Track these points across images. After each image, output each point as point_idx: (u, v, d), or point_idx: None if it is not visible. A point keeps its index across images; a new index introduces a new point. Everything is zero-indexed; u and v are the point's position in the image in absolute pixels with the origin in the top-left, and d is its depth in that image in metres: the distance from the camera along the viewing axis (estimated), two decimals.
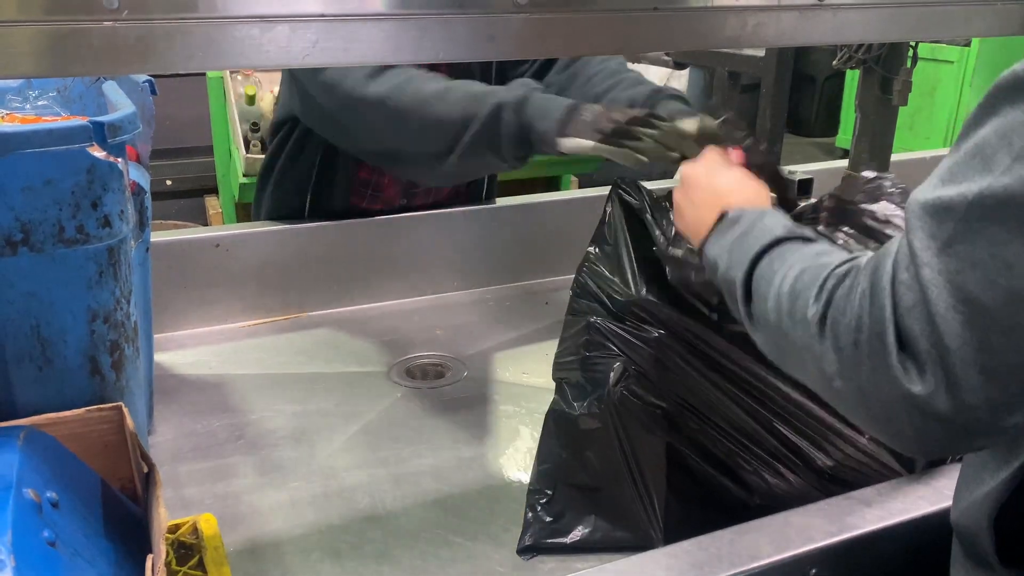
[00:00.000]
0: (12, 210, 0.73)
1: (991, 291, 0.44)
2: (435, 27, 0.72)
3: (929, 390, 0.47)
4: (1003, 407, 0.46)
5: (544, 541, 0.85)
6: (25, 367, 0.78)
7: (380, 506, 0.93)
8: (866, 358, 0.50)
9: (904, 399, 0.48)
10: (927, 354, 0.47)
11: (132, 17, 0.62)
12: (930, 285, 0.46)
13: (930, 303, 0.46)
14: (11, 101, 1.03)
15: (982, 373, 0.45)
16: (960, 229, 0.46)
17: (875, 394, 0.50)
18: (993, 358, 0.45)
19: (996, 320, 0.44)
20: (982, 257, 0.45)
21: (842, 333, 0.52)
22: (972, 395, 0.46)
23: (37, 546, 0.59)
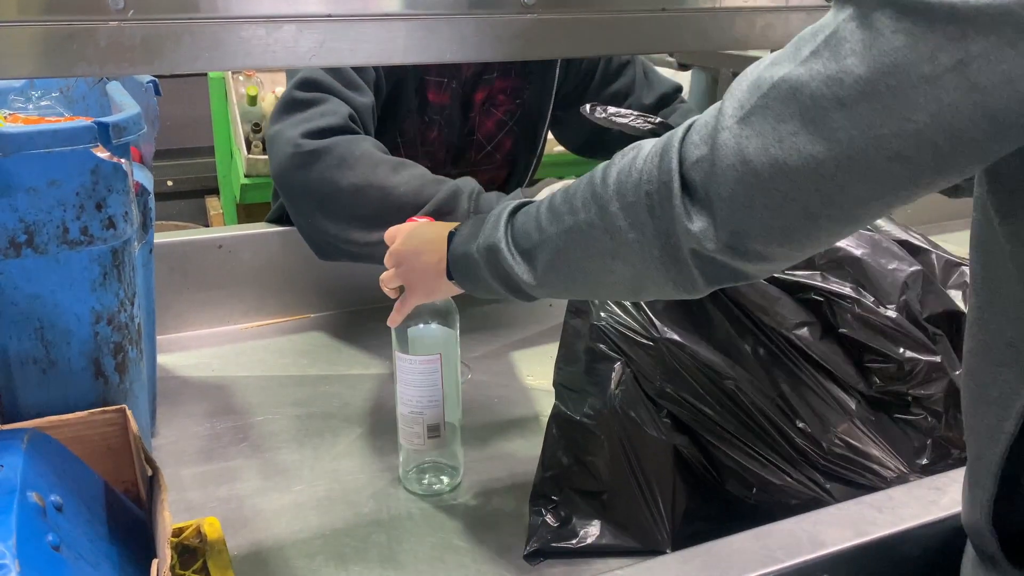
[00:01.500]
0: (16, 211, 0.72)
1: (763, 157, 0.52)
2: (442, 28, 0.71)
3: (700, 228, 0.56)
4: (755, 244, 0.56)
5: (550, 546, 0.84)
6: (29, 369, 0.78)
7: (384, 510, 0.93)
8: (656, 205, 0.58)
9: (684, 235, 0.57)
10: (703, 201, 0.56)
11: (137, 17, 0.61)
12: (722, 145, 0.54)
13: (716, 159, 0.55)
14: (14, 101, 1.03)
15: (738, 222, 0.55)
16: (759, 104, 0.53)
17: (662, 237, 0.59)
18: (749, 213, 0.54)
19: (759, 181, 0.53)
20: (765, 129, 0.53)
21: (630, 190, 0.60)
22: (732, 238, 0.56)
23: (41, 550, 0.59)
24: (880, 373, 0.84)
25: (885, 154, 0.49)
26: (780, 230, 0.54)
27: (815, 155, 0.51)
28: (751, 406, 0.82)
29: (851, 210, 0.53)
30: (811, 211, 0.53)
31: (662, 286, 0.62)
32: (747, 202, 0.54)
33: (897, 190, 0.51)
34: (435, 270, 0.81)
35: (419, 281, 0.85)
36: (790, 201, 0.53)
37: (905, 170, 0.50)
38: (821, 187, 0.52)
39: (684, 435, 0.83)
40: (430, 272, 0.82)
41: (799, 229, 0.54)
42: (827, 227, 0.54)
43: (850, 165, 0.50)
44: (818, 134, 0.50)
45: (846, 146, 0.50)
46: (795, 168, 0.52)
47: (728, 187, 0.54)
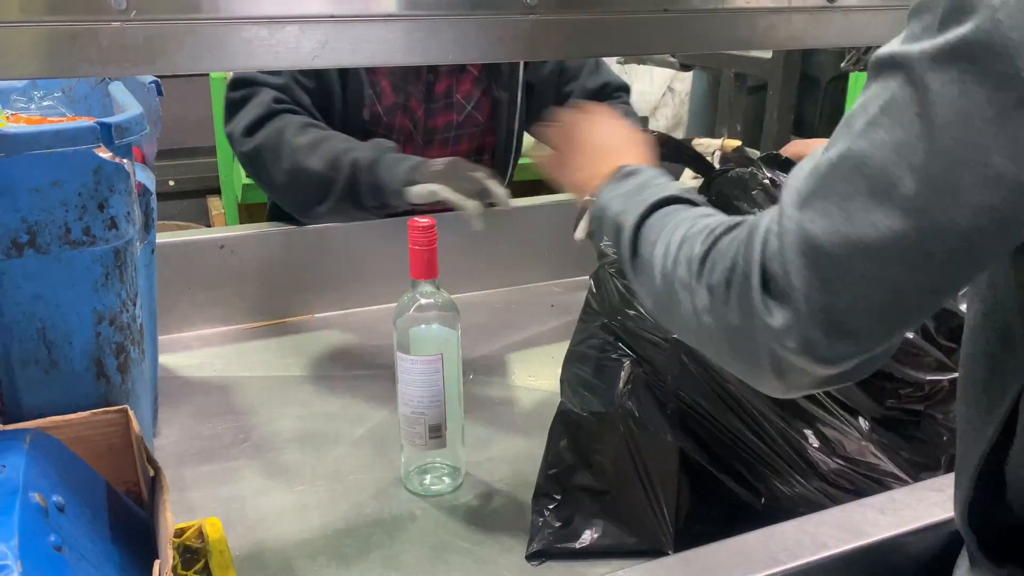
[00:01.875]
0: (18, 212, 0.72)
1: (832, 237, 0.50)
2: (444, 28, 0.71)
3: (781, 324, 0.52)
4: (841, 343, 0.52)
5: (553, 546, 0.84)
6: (31, 370, 0.77)
7: (386, 510, 0.93)
8: (735, 296, 0.55)
9: (762, 331, 0.54)
10: (781, 294, 0.53)
11: (140, 18, 0.61)
12: (786, 232, 0.52)
13: (784, 248, 0.52)
14: (16, 101, 1.03)
15: (821, 311, 0.51)
16: (819, 185, 0.51)
17: (739, 329, 0.56)
18: (831, 298, 0.51)
19: (834, 263, 0.50)
20: (830, 208, 0.50)
21: (717, 271, 0.57)
22: (814, 331, 0.52)
23: (43, 551, 0.59)
24: (900, 396, 0.83)
25: (970, 209, 0.47)
26: (864, 313, 0.51)
27: (893, 227, 0.48)
28: (761, 416, 0.81)
29: (942, 278, 0.50)
30: (898, 287, 0.50)
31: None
32: (823, 286, 0.51)
33: (987, 243, 0.49)
34: (592, 171, 0.81)
35: (576, 156, 0.86)
36: (871, 281, 0.50)
37: (992, 222, 0.47)
38: (906, 258, 0.49)
39: (691, 438, 0.83)
40: (588, 167, 0.83)
41: (886, 309, 0.51)
42: (917, 301, 0.51)
43: (934, 229, 0.48)
44: (892, 204, 0.48)
45: (928, 211, 0.47)
46: (872, 245, 0.49)
47: (801, 275, 0.51)
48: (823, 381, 0.55)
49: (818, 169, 0.52)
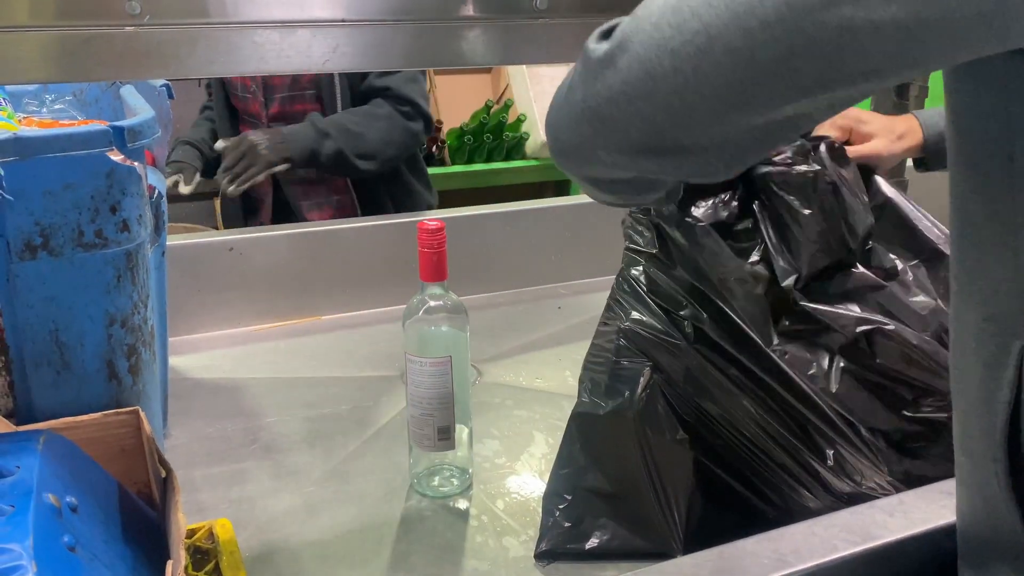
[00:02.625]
0: (32, 214, 0.73)
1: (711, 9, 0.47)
2: (455, 32, 0.72)
3: (605, 49, 0.51)
4: (645, 87, 0.49)
5: (562, 547, 0.84)
6: (43, 371, 0.78)
7: (395, 511, 0.93)
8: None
9: (583, 61, 0.52)
10: (617, 25, 0.51)
11: (153, 22, 0.62)
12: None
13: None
14: (28, 104, 1.04)
15: (642, 42, 0.49)
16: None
17: (571, 75, 0.54)
18: (657, 31, 0.48)
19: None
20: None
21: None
22: (627, 57, 0.49)
23: (57, 551, 0.59)
24: (919, 406, 0.83)
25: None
26: (672, 54, 0.48)
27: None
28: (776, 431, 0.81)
29: (762, 68, 0.47)
30: (713, 44, 0.47)
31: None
32: (658, 20, 0.49)
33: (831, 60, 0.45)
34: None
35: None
36: (698, 29, 0.47)
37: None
38: (740, 22, 0.46)
39: (705, 444, 0.83)
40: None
41: (691, 55, 0.48)
42: (725, 72, 0.47)
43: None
44: None
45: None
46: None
47: (653, 10, 0.49)
48: (616, 138, 0.53)
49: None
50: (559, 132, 0.57)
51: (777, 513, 0.81)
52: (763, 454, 0.81)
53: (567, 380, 1.21)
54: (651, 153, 0.53)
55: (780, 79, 0.47)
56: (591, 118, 0.53)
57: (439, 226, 0.89)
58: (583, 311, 1.45)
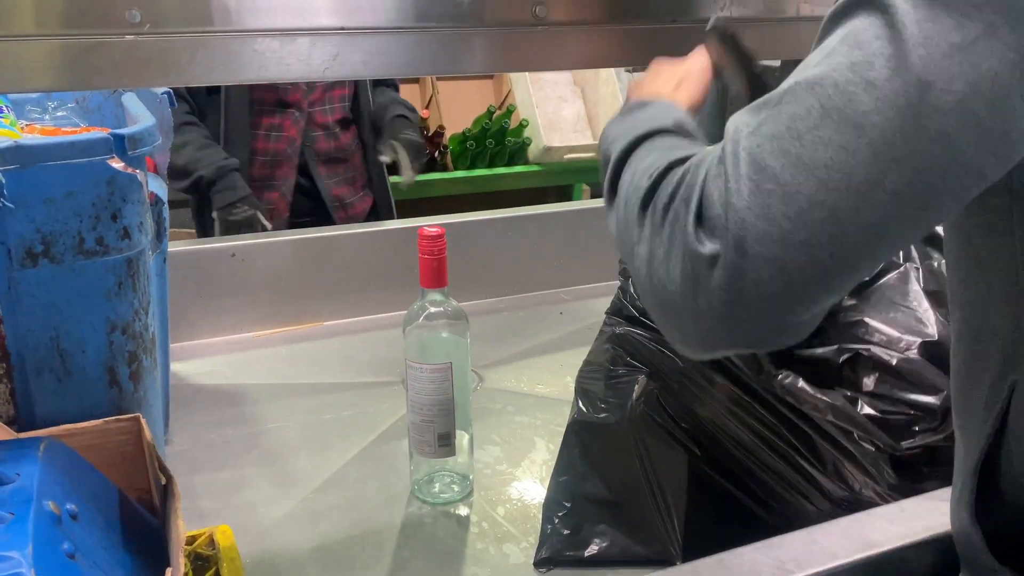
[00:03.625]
0: (33, 222, 0.73)
1: (781, 159, 0.47)
2: (454, 40, 0.72)
3: (714, 250, 0.48)
4: (770, 275, 0.48)
5: (561, 554, 0.84)
6: (45, 378, 0.78)
7: (396, 518, 0.93)
8: (668, 223, 0.51)
9: (691, 258, 0.49)
10: (718, 218, 0.48)
11: (154, 31, 0.62)
12: (731, 156, 0.49)
13: (727, 172, 0.48)
14: (30, 112, 1.04)
15: (760, 241, 0.47)
16: (770, 113, 0.48)
17: (666, 258, 0.51)
18: (771, 225, 0.47)
19: (780, 185, 0.46)
20: (780, 131, 0.47)
21: (659, 200, 0.54)
22: (751, 263, 0.47)
23: (57, 558, 0.59)
24: (915, 434, 0.81)
25: (927, 134, 0.44)
26: (801, 246, 0.46)
27: (844, 144, 0.45)
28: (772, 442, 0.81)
29: (885, 214, 0.46)
30: (839, 215, 0.46)
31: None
32: (764, 212, 0.47)
33: (939, 179, 0.45)
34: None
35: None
36: (815, 205, 0.46)
37: (946, 151, 0.45)
38: (853, 181, 0.45)
39: (702, 451, 0.83)
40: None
41: (823, 242, 0.46)
42: (856, 239, 0.47)
43: (887, 151, 0.45)
44: (846, 122, 0.45)
45: (881, 130, 0.44)
46: (820, 163, 0.46)
47: (743, 198, 0.47)
48: (745, 334, 0.50)
49: (770, 99, 0.49)
50: (692, 336, 0.53)
51: (775, 519, 0.81)
52: (759, 461, 0.81)
53: (568, 386, 1.21)
54: (791, 328, 0.51)
55: (909, 230, 0.48)
56: (729, 323, 0.50)
57: (439, 232, 0.89)
58: (584, 317, 1.45)
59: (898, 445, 0.78)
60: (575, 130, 3.04)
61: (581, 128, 3.06)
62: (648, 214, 0.54)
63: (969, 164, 0.45)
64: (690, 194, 0.50)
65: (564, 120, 3.05)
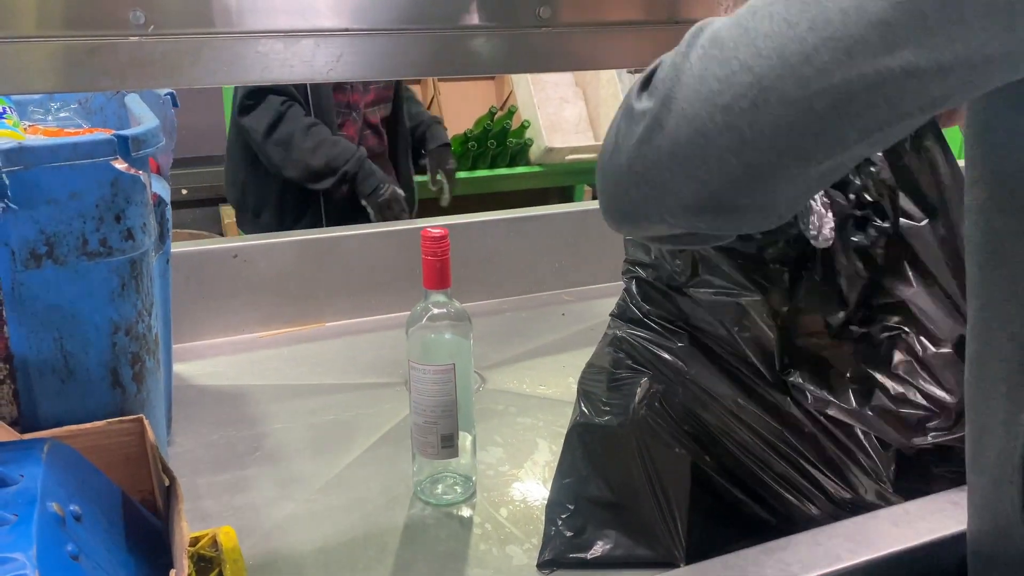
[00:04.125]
0: (37, 223, 0.73)
1: (734, 30, 0.46)
2: (458, 41, 0.72)
3: (645, 107, 0.48)
4: (695, 147, 0.47)
5: (565, 556, 0.84)
6: (48, 379, 0.78)
7: (398, 519, 0.93)
8: (626, 97, 0.51)
9: (624, 116, 0.49)
10: (660, 80, 0.48)
11: (158, 32, 0.62)
12: (699, 30, 0.48)
13: (688, 42, 0.48)
14: (33, 113, 1.04)
15: (687, 99, 0.46)
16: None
17: (611, 127, 0.51)
18: (701, 84, 0.46)
19: (723, 51, 0.45)
20: (742, 12, 0.46)
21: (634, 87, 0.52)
22: (672, 117, 0.46)
23: (61, 560, 0.59)
24: (926, 431, 0.81)
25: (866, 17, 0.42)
26: (723, 110, 0.45)
27: (788, 19, 0.44)
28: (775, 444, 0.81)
29: (813, 89, 0.44)
30: (764, 83, 0.44)
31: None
32: (700, 73, 0.46)
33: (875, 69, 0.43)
34: None
35: None
36: (744, 70, 0.45)
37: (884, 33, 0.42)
38: (785, 53, 0.44)
39: (705, 453, 0.83)
40: None
41: (744, 108, 0.45)
42: (778, 112, 0.45)
43: (825, 28, 0.43)
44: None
45: (824, 7, 0.43)
46: (761, 34, 0.44)
47: (689, 63, 0.47)
48: (657, 201, 0.50)
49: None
50: (609, 199, 0.55)
51: (779, 521, 0.81)
52: (762, 463, 0.81)
53: (571, 387, 1.21)
54: (707, 213, 0.51)
55: (839, 127, 0.46)
56: (639, 183, 0.50)
57: (443, 233, 0.89)
58: (587, 318, 1.45)
59: (910, 441, 0.78)
60: (577, 131, 3.04)
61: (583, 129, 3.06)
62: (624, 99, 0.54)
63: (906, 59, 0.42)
64: (651, 68, 0.50)
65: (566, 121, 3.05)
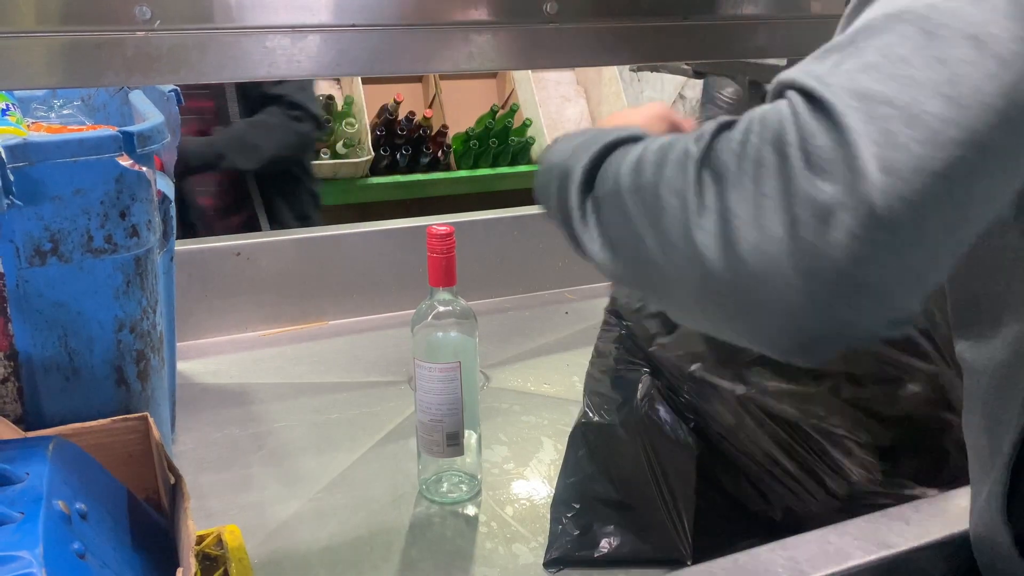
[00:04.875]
0: (42, 220, 0.73)
1: (890, 83, 0.39)
2: (465, 37, 0.72)
3: (833, 192, 0.38)
4: (920, 227, 0.38)
5: (571, 554, 0.84)
6: (52, 376, 0.78)
7: (403, 518, 0.93)
8: (751, 176, 0.40)
9: (801, 205, 0.38)
10: (829, 150, 0.38)
11: (164, 28, 0.62)
12: (819, 89, 0.40)
13: (824, 102, 0.39)
14: (36, 110, 1.04)
15: (891, 171, 0.38)
16: (847, 53, 0.41)
17: (756, 216, 0.40)
18: (899, 151, 0.38)
19: (897, 108, 0.39)
20: (874, 61, 0.40)
21: (723, 156, 0.42)
22: (886, 199, 0.37)
23: (67, 558, 0.59)
24: (903, 402, 0.81)
25: None
26: (939, 177, 0.38)
27: (966, 60, 0.39)
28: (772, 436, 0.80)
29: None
30: (977, 133, 0.39)
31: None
32: (887, 139, 0.38)
33: None
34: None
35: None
36: (948, 124, 0.38)
37: None
38: (985, 96, 0.39)
39: (709, 449, 0.83)
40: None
41: (962, 172, 0.38)
42: (999, 156, 0.40)
43: (1018, 59, 0.39)
44: (959, 37, 0.39)
45: (1005, 39, 0.39)
46: (943, 81, 0.39)
47: (858, 127, 0.39)
48: (872, 307, 0.39)
49: (836, 44, 0.42)
50: (792, 330, 0.41)
51: (782, 516, 0.81)
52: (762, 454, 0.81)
53: (575, 385, 1.21)
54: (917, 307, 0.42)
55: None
56: (853, 292, 0.39)
57: (449, 231, 0.88)
58: (590, 316, 1.45)
59: (881, 421, 0.77)
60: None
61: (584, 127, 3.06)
62: (708, 177, 0.43)
63: None
64: (779, 135, 0.40)
65: (567, 119, 3.05)
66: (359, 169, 2.69)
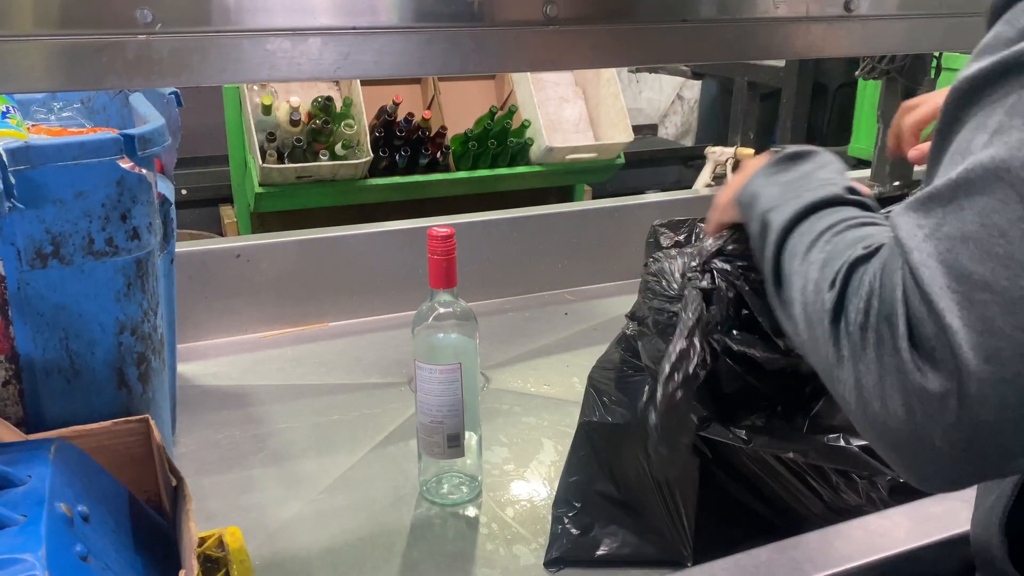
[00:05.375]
0: (43, 222, 0.73)
1: (988, 262, 0.40)
2: (465, 40, 0.72)
3: (942, 385, 0.41)
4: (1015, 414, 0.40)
5: (571, 554, 0.84)
6: (54, 379, 0.78)
7: (404, 519, 0.93)
8: (872, 345, 0.44)
9: (915, 394, 0.42)
10: (934, 340, 0.41)
11: (165, 31, 0.62)
12: (920, 267, 0.42)
13: (923, 286, 0.42)
14: (36, 112, 1.04)
15: (993, 360, 0.40)
16: (948, 211, 0.42)
17: (878, 387, 0.44)
18: (1000, 340, 0.39)
19: (995, 293, 0.40)
20: (972, 230, 0.41)
21: (851, 315, 0.46)
22: (990, 388, 0.40)
23: (70, 560, 0.59)
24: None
25: None
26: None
27: None
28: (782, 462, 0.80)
29: None
30: None
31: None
32: (986, 327, 0.40)
33: None
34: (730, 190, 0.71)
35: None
36: None
37: None
38: None
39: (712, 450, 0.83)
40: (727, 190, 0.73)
41: None
42: None
43: None
44: None
45: None
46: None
47: (956, 317, 0.41)
48: (998, 463, 0.43)
49: (938, 193, 0.43)
50: (941, 480, 0.46)
51: (783, 519, 0.81)
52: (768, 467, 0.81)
53: (575, 386, 1.21)
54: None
55: None
56: (976, 456, 0.43)
57: (449, 233, 0.88)
58: (590, 317, 1.45)
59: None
60: (577, 131, 3.04)
61: (583, 129, 3.06)
62: (843, 332, 0.47)
63: None
64: (891, 311, 0.44)
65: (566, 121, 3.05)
66: (358, 170, 2.69)
